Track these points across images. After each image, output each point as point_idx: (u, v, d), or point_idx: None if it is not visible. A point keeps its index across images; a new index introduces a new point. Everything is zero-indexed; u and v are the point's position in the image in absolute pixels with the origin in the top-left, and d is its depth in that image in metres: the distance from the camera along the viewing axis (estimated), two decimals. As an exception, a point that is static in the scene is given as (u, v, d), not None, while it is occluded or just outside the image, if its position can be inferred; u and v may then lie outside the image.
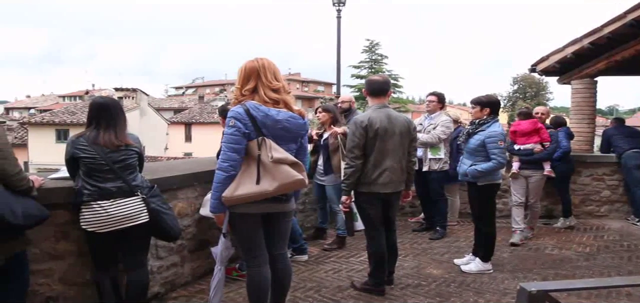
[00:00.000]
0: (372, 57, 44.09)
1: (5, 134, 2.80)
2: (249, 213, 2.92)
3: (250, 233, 2.99)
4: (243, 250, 3.11)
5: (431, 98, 6.20)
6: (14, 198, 2.68)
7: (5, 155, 2.67)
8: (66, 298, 3.43)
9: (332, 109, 5.66)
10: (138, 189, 3.15)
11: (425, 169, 6.04)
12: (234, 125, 2.81)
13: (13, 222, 2.63)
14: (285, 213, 3.11)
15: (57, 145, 28.89)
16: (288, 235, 3.26)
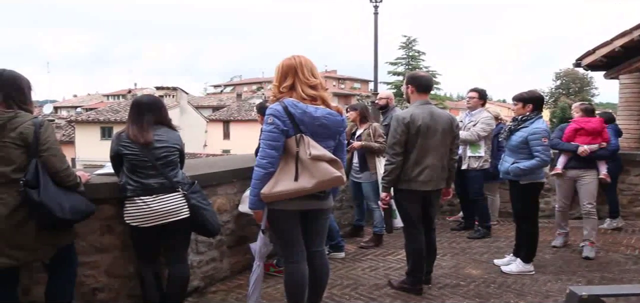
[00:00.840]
0: (409, 54, 43.64)
1: (54, 131, 2.90)
2: (287, 210, 2.93)
3: (289, 230, 3.00)
4: (281, 246, 3.13)
5: (472, 94, 6.06)
6: (62, 194, 2.78)
7: (54, 152, 2.78)
8: (111, 289, 3.55)
9: (359, 107, 5.67)
10: (179, 185, 3.22)
11: (464, 168, 5.92)
12: (273, 122, 2.82)
13: (61, 217, 2.72)
14: (324, 211, 3.11)
15: (102, 142, 29.86)
16: (326, 232, 3.25)
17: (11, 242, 2.64)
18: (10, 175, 2.64)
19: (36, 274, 3.21)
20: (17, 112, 2.71)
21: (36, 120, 2.74)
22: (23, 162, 2.67)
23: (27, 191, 2.62)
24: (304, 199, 2.90)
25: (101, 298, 3.52)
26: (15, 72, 2.82)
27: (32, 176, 2.64)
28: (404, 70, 41.38)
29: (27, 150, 2.68)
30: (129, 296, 3.60)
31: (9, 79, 2.76)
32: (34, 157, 2.68)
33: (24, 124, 2.69)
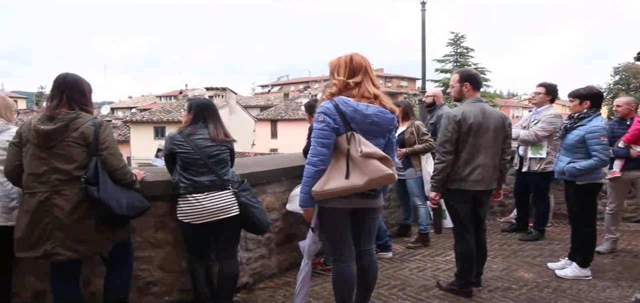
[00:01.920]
0: (457, 50, 42.74)
1: (112, 131, 3.04)
2: (337, 209, 2.93)
3: (338, 228, 3.00)
4: (330, 245, 3.13)
5: (539, 89, 5.66)
6: (120, 191, 2.90)
7: (112, 151, 2.91)
8: (164, 283, 3.67)
9: (402, 104, 5.62)
10: (230, 183, 3.30)
11: (524, 169, 5.67)
12: (323, 120, 2.83)
13: (119, 213, 2.85)
14: (373, 210, 3.09)
15: (155, 142, 30.90)
16: (375, 231, 3.23)
17: (73, 236, 2.79)
18: (73, 173, 2.79)
19: (96, 267, 3.38)
20: (79, 113, 2.86)
21: (96, 121, 2.88)
22: (84, 160, 2.81)
23: (87, 188, 2.75)
24: (355, 198, 2.89)
25: (155, 291, 3.65)
26: (77, 76, 2.98)
27: (93, 174, 2.77)
28: (452, 68, 40.59)
29: (88, 149, 2.82)
30: (180, 290, 3.72)
31: (72, 82, 2.92)
32: (94, 155, 2.82)
33: (85, 124, 2.83)
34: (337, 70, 2.96)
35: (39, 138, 2.77)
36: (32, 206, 2.76)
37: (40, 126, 2.77)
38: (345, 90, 2.92)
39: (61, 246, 2.78)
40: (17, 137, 2.86)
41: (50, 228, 2.76)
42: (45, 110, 2.90)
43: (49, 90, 3.00)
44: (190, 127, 3.35)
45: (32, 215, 2.75)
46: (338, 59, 3.00)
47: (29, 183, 2.79)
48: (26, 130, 2.83)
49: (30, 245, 2.78)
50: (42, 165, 2.77)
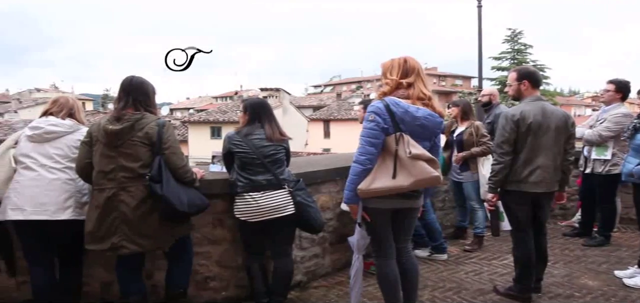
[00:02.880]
0: (514, 47, 41.32)
1: (175, 132, 3.17)
2: (380, 209, 2.96)
3: (381, 228, 3.04)
4: (374, 242, 3.15)
5: (608, 86, 5.31)
6: (181, 189, 3.02)
7: (174, 151, 3.04)
8: (221, 279, 3.79)
9: (461, 103, 5.50)
10: (285, 182, 3.36)
11: (587, 171, 5.41)
12: (374, 119, 2.85)
13: (180, 209, 2.97)
14: (414, 210, 3.12)
15: (212, 142, 31.80)
16: (412, 230, 3.26)
17: (138, 231, 2.93)
18: (138, 171, 2.93)
19: (158, 261, 3.53)
20: (144, 114, 3.01)
21: (160, 121, 3.02)
22: (148, 159, 2.95)
23: (151, 185, 2.89)
24: (397, 198, 2.91)
25: (213, 286, 3.77)
26: (142, 78, 3.13)
27: (156, 172, 2.90)
28: (509, 65, 39.28)
29: (152, 148, 2.96)
30: (237, 286, 3.82)
31: (138, 84, 3.08)
32: (157, 154, 2.96)
33: (149, 124, 2.97)
34: (390, 70, 3.00)
35: (107, 137, 2.93)
36: (100, 201, 2.92)
37: (109, 126, 2.93)
38: (397, 90, 2.95)
39: (126, 240, 2.93)
40: (88, 136, 3.04)
41: (117, 222, 2.91)
42: (113, 111, 3.07)
43: (114, 93, 3.17)
44: (247, 127, 3.43)
45: (101, 210, 2.92)
46: (391, 60, 3.04)
47: (98, 180, 2.96)
48: (96, 130, 3.00)
49: (98, 238, 2.95)
50: (110, 163, 2.93)
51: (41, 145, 3.08)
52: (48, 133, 3.08)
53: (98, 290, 3.68)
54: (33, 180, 3.00)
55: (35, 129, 3.10)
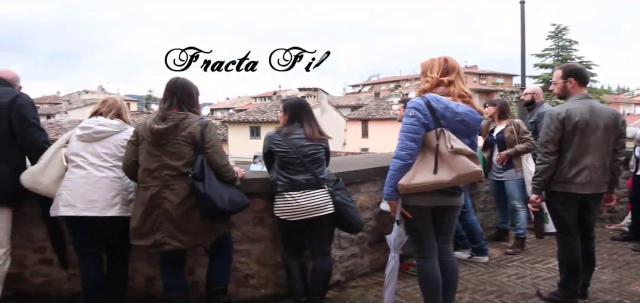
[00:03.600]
0: (558, 44, 39.96)
1: (217, 131, 3.24)
2: (421, 206, 2.94)
3: (421, 226, 3.01)
4: (414, 242, 3.12)
5: None
6: (223, 187, 3.08)
7: (216, 150, 3.11)
8: (261, 277, 3.84)
9: (498, 102, 5.38)
10: (325, 182, 3.37)
11: (638, 173, 5.22)
12: (414, 115, 2.84)
13: (222, 208, 3.03)
14: (454, 208, 3.08)
15: (251, 141, 32.25)
16: (454, 229, 3.22)
17: (180, 228, 3.01)
18: (181, 169, 3.01)
19: (199, 258, 3.62)
20: (187, 114, 3.09)
21: (202, 121, 3.09)
22: (191, 157, 3.03)
23: (194, 183, 2.95)
24: (438, 195, 2.89)
25: (252, 284, 3.83)
26: (186, 80, 3.22)
27: (199, 170, 2.97)
28: (553, 62, 38.04)
29: (195, 147, 3.03)
30: (276, 284, 3.86)
31: (182, 85, 3.17)
32: (200, 153, 3.03)
33: (193, 124, 3.05)
34: (430, 69, 3.01)
35: (153, 136, 3.03)
36: (145, 199, 3.01)
37: (154, 125, 3.03)
38: (437, 88, 2.96)
39: (169, 236, 3.01)
40: (134, 135, 3.15)
41: (160, 219, 3.00)
42: (158, 111, 3.16)
43: (157, 94, 3.28)
44: (287, 126, 3.46)
45: (145, 207, 3.01)
46: (431, 60, 3.05)
47: (143, 178, 3.06)
48: (142, 129, 3.11)
49: (143, 234, 3.04)
50: (155, 162, 3.02)
51: (90, 144, 3.20)
52: (97, 133, 3.21)
53: (142, 284, 3.80)
54: (83, 178, 3.13)
55: (85, 129, 3.23)
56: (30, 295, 3.83)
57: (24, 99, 3.35)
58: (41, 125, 3.51)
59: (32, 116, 3.36)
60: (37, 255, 3.84)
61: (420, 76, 3.10)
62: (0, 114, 3.22)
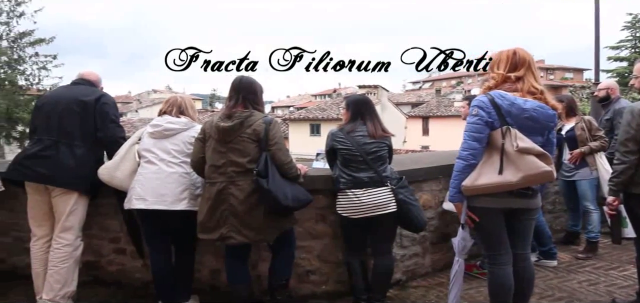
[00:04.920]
0: (636, 35, 37.29)
1: (281, 129, 3.29)
2: (490, 208, 2.81)
3: (493, 229, 2.88)
4: (484, 247, 3.01)
5: None
6: (287, 184, 3.13)
7: (280, 147, 3.17)
8: (322, 273, 3.87)
9: (565, 99, 5.11)
10: (388, 180, 3.34)
11: None
12: (477, 113, 2.74)
13: (285, 204, 3.07)
14: (530, 211, 2.91)
15: (311, 138, 32.55)
16: (531, 234, 3.04)
17: (245, 223, 3.09)
18: (246, 166, 3.09)
19: (263, 253, 3.70)
20: (252, 112, 3.17)
21: (266, 119, 3.16)
22: (256, 154, 3.10)
23: (258, 180, 3.02)
24: (509, 196, 2.76)
25: (313, 280, 3.87)
26: (251, 78, 3.31)
27: (263, 167, 3.04)
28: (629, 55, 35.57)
29: (259, 144, 3.10)
30: (336, 281, 3.88)
31: (248, 84, 3.25)
32: (264, 150, 3.09)
33: (257, 122, 3.12)
34: (497, 64, 2.87)
35: (219, 134, 3.13)
36: (212, 194, 3.12)
37: (220, 123, 3.13)
38: (504, 84, 2.81)
39: (234, 231, 3.09)
40: (201, 133, 3.27)
41: (226, 214, 3.09)
42: (224, 109, 3.26)
43: (220, 92, 3.38)
44: (350, 124, 3.46)
45: (212, 203, 3.11)
46: (499, 53, 2.90)
47: (210, 174, 3.16)
48: (208, 126, 3.22)
49: (209, 228, 3.15)
50: (221, 158, 3.12)
51: (160, 141, 3.36)
52: (166, 130, 3.36)
53: (208, 277, 3.94)
54: (154, 173, 3.29)
55: (155, 127, 3.39)
56: (105, 282, 4.08)
57: (107, 98, 3.58)
58: (120, 122, 3.72)
59: (113, 113, 3.58)
60: (112, 245, 4.09)
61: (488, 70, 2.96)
62: (86, 111, 3.44)
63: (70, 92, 3.57)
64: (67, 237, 3.43)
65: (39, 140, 3.45)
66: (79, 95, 3.50)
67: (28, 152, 3.46)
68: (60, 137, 3.40)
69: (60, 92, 3.77)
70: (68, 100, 3.47)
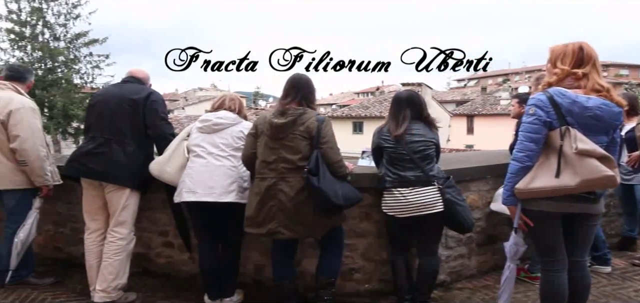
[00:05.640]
0: None
1: (332, 128, 3.28)
2: (547, 212, 2.68)
3: (548, 234, 2.75)
4: (538, 252, 2.90)
5: None
6: (336, 182, 3.13)
7: (331, 145, 3.18)
8: (365, 272, 3.85)
9: (625, 97, 4.86)
10: (435, 179, 3.28)
11: None
12: (534, 113, 2.62)
13: (335, 202, 3.08)
14: (592, 216, 2.76)
15: (354, 137, 32.44)
16: (590, 241, 2.90)
17: (294, 219, 3.12)
18: (297, 163, 3.12)
19: (308, 250, 3.73)
20: (306, 110, 3.20)
21: (319, 117, 3.18)
22: (307, 152, 3.12)
23: (309, 178, 3.04)
24: (568, 200, 2.62)
25: (356, 278, 3.86)
26: (308, 77, 3.34)
27: (314, 165, 3.05)
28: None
29: (311, 142, 3.12)
30: (380, 280, 3.86)
31: (305, 82, 3.29)
32: (315, 148, 3.11)
33: (310, 119, 3.14)
34: (561, 58, 2.70)
35: (272, 130, 3.17)
36: (261, 189, 3.16)
37: (274, 120, 3.17)
38: (566, 80, 2.65)
39: (283, 226, 3.13)
40: (254, 128, 3.32)
41: (274, 210, 3.13)
42: (278, 105, 3.29)
43: (263, 90, 3.40)
44: None
45: (261, 197, 3.16)
46: (564, 46, 2.72)
47: (260, 169, 3.21)
48: (261, 122, 3.27)
49: (257, 223, 3.19)
50: (272, 154, 3.16)
51: (209, 135, 3.44)
52: (215, 125, 3.44)
53: (252, 271, 4.00)
54: (203, 167, 3.36)
55: (204, 122, 3.47)
56: (154, 274, 4.22)
57: (156, 95, 3.68)
58: (168, 119, 3.82)
59: (162, 111, 3.68)
60: (161, 238, 4.22)
61: (547, 63, 2.80)
62: (136, 109, 3.55)
63: (121, 91, 3.68)
64: (121, 231, 3.57)
65: (92, 138, 3.59)
66: (128, 93, 3.61)
67: (83, 149, 3.62)
68: (112, 134, 3.52)
69: (111, 90, 3.89)
70: (118, 99, 3.58)
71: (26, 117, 3.72)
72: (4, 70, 4.10)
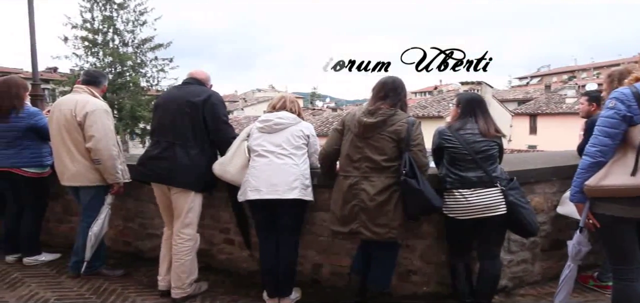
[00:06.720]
0: None
1: (422, 131, 3.25)
2: (620, 218, 2.53)
3: (621, 240, 2.60)
4: (610, 259, 2.74)
5: None
6: (429, 185, 3.16)
7: (421, 149, 3.19)
8: (424, 274, 3.80)
9: None
10: (498, 180, 3.18)
11: None
12: (614, 106, 2.48)
13: (436, 205, 3.15)
14: None
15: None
16: None
17: (374, 220, 3.15)
18: (381, 163, 3.15)
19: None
20: (396, 111, 3.21)
21: (410, 119, 3.19)
22: (392, 154, 3.15)
23: (407, 181, 3.06)
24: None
25: (414, 280, 3.82)
26: (401, 80, 3.34)
27: (409, 168, 3.08)
28: None
29: (398, 144, 3.14)
30: (439, 283, 3.79)
31: (398, 84, 3.31)
32: (405, 151, 3.12)
33: (400, 121, 3.16)
34: None
35: (360, 128, 3.20)
36: (344, 187, 3.23)
37: (363, 118, 3.20)
38: None
39: (363, 227, 3.17)
40: (341, 124, 3.38)
41: (356, 210, 3.18)
42: (368, 104, 3.32)
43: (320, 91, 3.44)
44: (458, 121, 3.36)
45: (344, 196, 3.22)
46: None
47: (344, 167, 3.27)
48: (349, 119, 3.32)
49: (342, 221, 3.26)
50: (357, 153, 3.21)
51: (270, 135, 3.52)
52: (276, 124, 3.51)
53: (309, 270, 4.04)
54: (266, 165, 3.44)
55: (265, 122, 3.56)
56: (215, 270, 4.35)
57: (215, 97, 3.76)
58: (229, 121, 3.94)
59: (223, 113, 3.77)
60: (222, 235, 4.35)
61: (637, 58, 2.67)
62: (196, 111, 3.64)
63: (181, 93, 3.77)
64: (188, 232, 3.71)
65: (157, 142, 3.73)
66: (188, 95, 3.69)
67: (149, 154, 3.77)
68: (176, 138, 3.63)
69: (172, 92, 4.01)
70: (179, 102, 3.68)
71: (100, 119, 3.95)
72: (82, 75, 4.39)
